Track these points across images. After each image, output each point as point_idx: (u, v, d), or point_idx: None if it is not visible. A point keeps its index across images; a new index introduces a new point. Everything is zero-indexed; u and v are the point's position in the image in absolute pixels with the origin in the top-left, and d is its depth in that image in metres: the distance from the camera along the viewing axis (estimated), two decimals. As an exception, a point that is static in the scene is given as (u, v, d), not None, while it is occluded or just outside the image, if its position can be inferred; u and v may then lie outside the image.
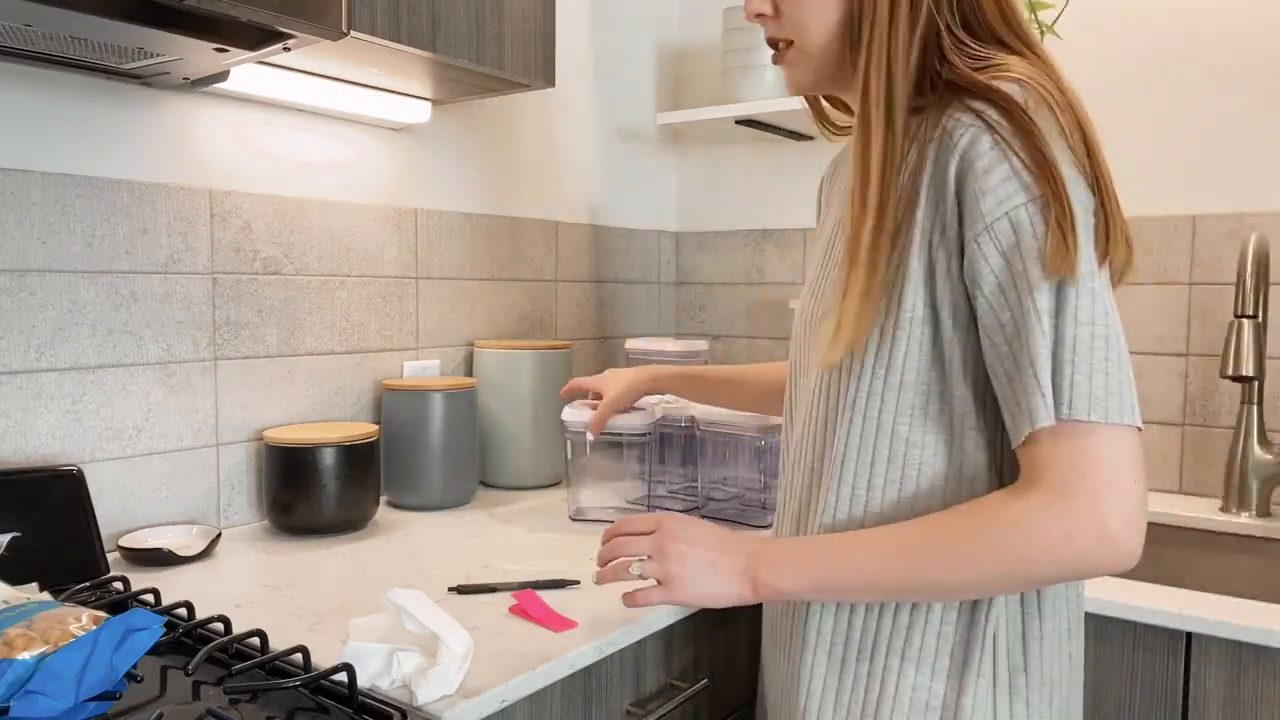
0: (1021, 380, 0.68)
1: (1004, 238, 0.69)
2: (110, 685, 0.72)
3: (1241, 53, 1.55)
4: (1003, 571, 0.69)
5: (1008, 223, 0.69)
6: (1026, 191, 0.69)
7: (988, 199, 0.70)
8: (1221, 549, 1.48)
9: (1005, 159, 0.70)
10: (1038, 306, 0.68)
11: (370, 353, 1.52)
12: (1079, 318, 0.68)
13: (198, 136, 1.28)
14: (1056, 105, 0.71)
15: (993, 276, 0.70)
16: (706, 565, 0.79)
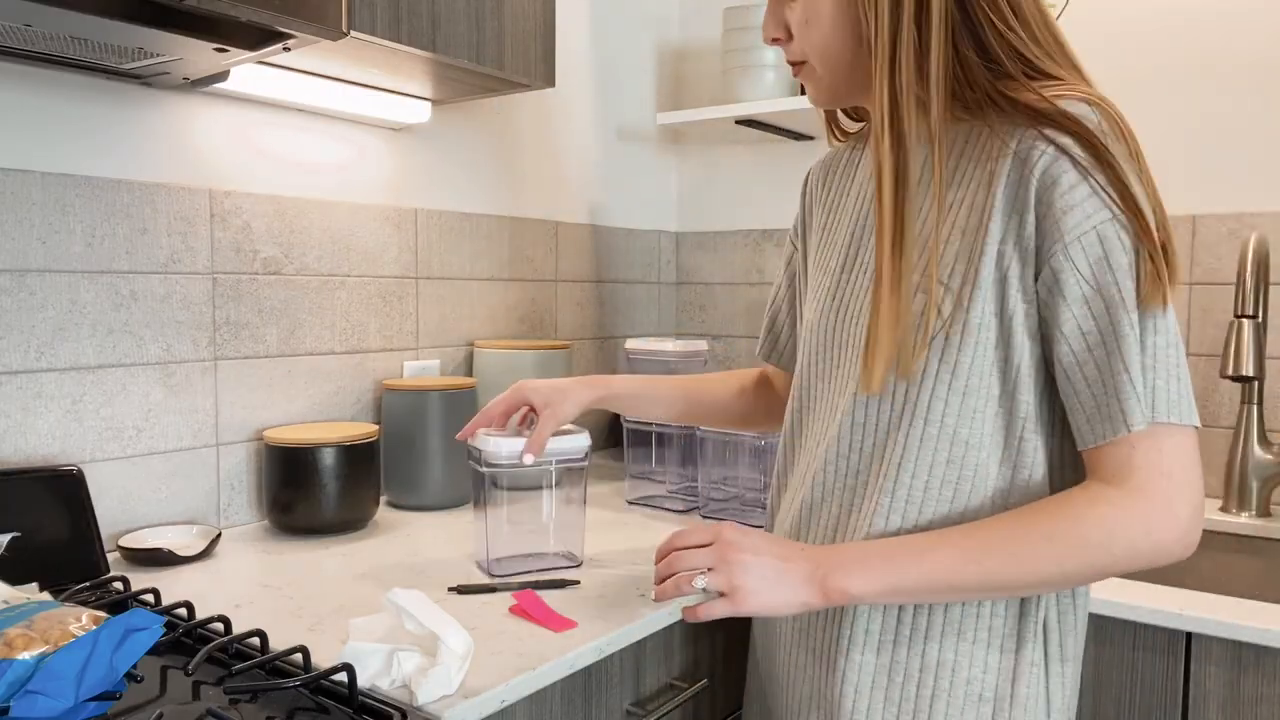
0: (1113, 385, 0.72)
1: (1091, 250, 0.73)
2: (110, 685, 0.72)
3: (1241, 53, 1.55)
4: (1087, 566, 0.72)
5: (1095, 236, 0.72)
6: (1110, 209, 0.72)
7: (1074, 214, 0.73)
8: (1221, 549, 1.48)
9: (1087, 178, 0.73)
10: (1130, 318, 0.72)
11: (370, 353, 1.52)
12: (1157, 327, 0.72)
13: (198, 136, 1.28)
14: (1126, 132, 0.75)
15: (1079, 287, 0.73)
16: (771, 573, 0.78)
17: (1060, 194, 0.73)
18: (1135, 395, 0.71)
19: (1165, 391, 0.72)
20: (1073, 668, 0.82)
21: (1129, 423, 0.71)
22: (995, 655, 0.79)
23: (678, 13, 2.19)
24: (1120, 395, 0.72)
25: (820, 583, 0.76)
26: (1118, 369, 0.72)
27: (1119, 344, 0.72)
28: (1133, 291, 0.72)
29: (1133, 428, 0.71)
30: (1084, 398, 0.74)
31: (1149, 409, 0.71)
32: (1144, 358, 0.72)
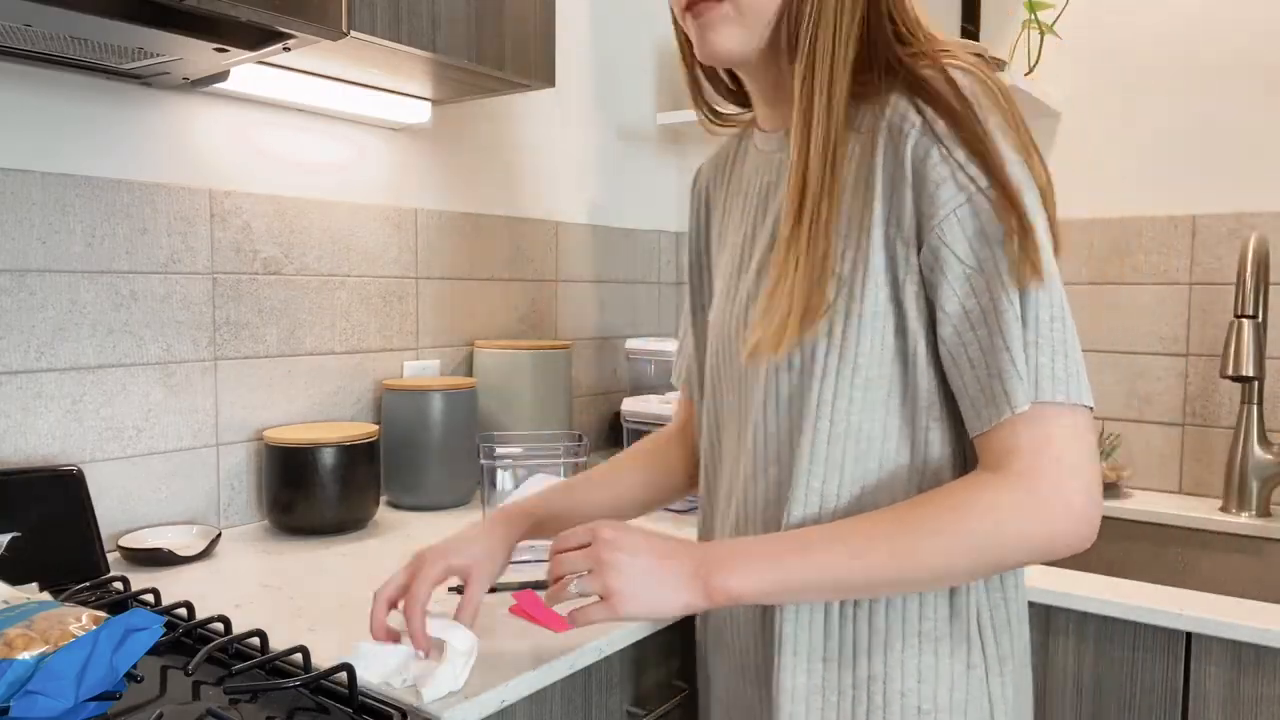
0: (996, 366, 0.68)
1: (967, 225, 0.69)
2: (110, 685, 0.72)
3: (1241, 53, 1.55)
4: (976, 558, 0.68)
5: (969, 209, 0.69)
6: (984, 179, 0.69)
7: (946, 187, 0.69)
8: (1221, 549, 1.48)
9: (961, 147, 0.69)
10: (1008, 293, 0.68)
11: (370, 353, 1.52)
12: (1040, 300, 0.68)
13: (198, 136, 1.28)
14: (1004, 101, 0.71)
15: (958, 264, 0.70)
16: (650, 574, 0.71)
17: (932, 167, 0.70)
18: (1017, 374, 0.67)
19: (1050, 369, 0.67)
20: (1015, 666, 0.78)
21: (1012, 404, 0.67)
22: (929, 662, 0.75)
23: (678, 13, 2.19)
24: (1002, 376, 0.67)
25: (702, 582, 0.71)
26: (999, 348, 0.68)
27: (999, 321, 0.68)
28: (1010, 266, 0.68)
29: (1015, 409, 0.67)
30: (968, 381, 0.70)
31: (1032, 388, 0.67)
32: (1026, 334, 0.67)
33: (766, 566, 0.71)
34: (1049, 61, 1.67)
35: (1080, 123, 1.71)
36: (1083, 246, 1.71)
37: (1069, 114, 1.71)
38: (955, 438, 0.75)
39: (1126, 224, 1.66)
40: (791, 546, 0.71)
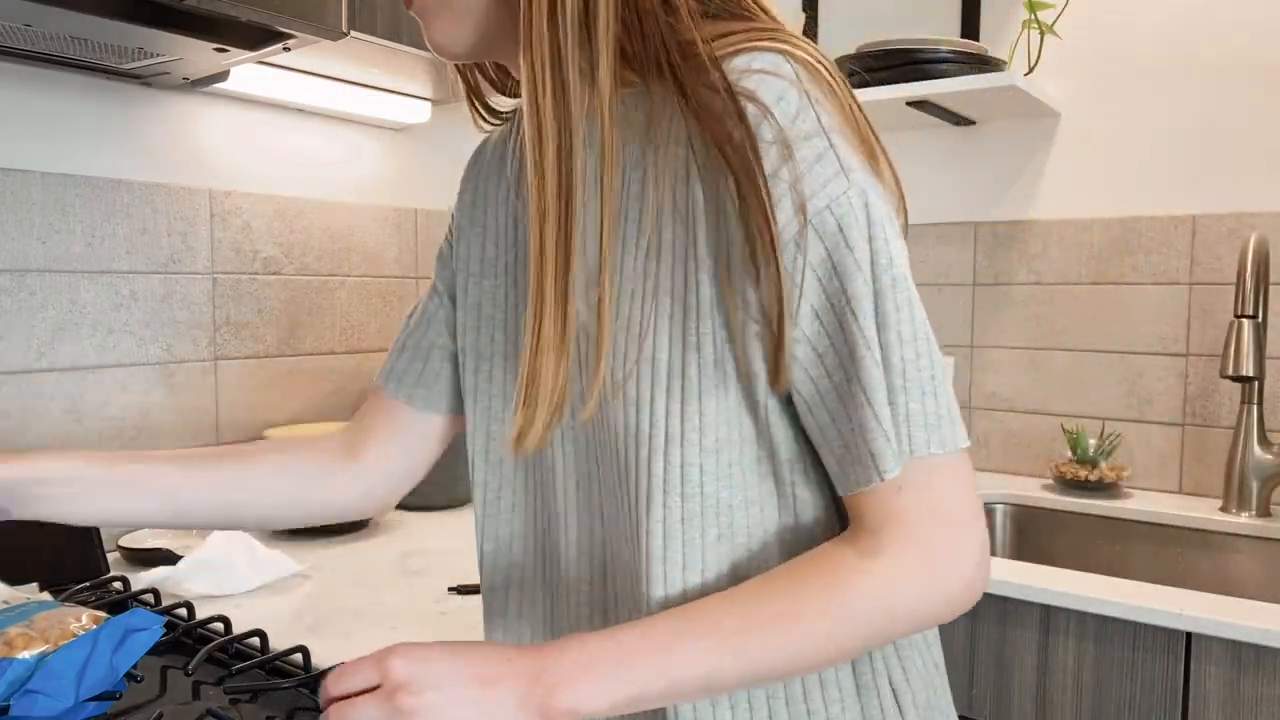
0: (857, 420, 0.57)
1: (812, 250, 0.56)
2: (110, 685, 0.72)
3: (1241, 53, 1.55)
4: (866, 639, 0.59)
5: (813, 231, 0.56)
6: (831, 189, 0.56)
7: (784, 205, 0.56)
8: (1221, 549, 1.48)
9: (796, 152, 0.56)
10: (863, 330, 0.56)
11: (370, 353, 1.52)
12: (903, 334, 0.57)
13: (198, 136, 1.28)
14: (833, 82, 0.59)
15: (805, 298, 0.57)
16: (470, 710, 0.53)
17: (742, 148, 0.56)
18: (883, 432, 0.56)
19: (921, 416, 0.57)
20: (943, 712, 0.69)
21: (880, 469, 0.56)
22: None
23: (678, 13, 2.19)
24: (866, 433, 0.56)
25: (539, 704, 0.54)
26: (858, 400, 0.57)
27: (857, 367, 0.56)
28: (861, 294, 0.56)
29: (885, 474, 0.56)
30: (829, 436, 0.59)
31: (905, 443, 0.57)
32: (890, 379, 0.57)
33: (617, 676, 0.55)
34: (1049, 61, 1.67)
35: (1080, 123, 1.71)
36: (1083, 246, 1.71)
37: (1069, 114, 1.71)
38: (829, 492, 0.64)
39: (1126, 224, 1.66)
40: (650, 644, 0.56)
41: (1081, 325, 1.72)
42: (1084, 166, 1.71)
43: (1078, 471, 1.61)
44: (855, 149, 0.58)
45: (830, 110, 0.57)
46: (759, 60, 0.57)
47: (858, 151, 0.58)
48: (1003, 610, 1.17)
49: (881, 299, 0.57)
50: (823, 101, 0.57)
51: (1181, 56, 1.61)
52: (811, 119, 0.56)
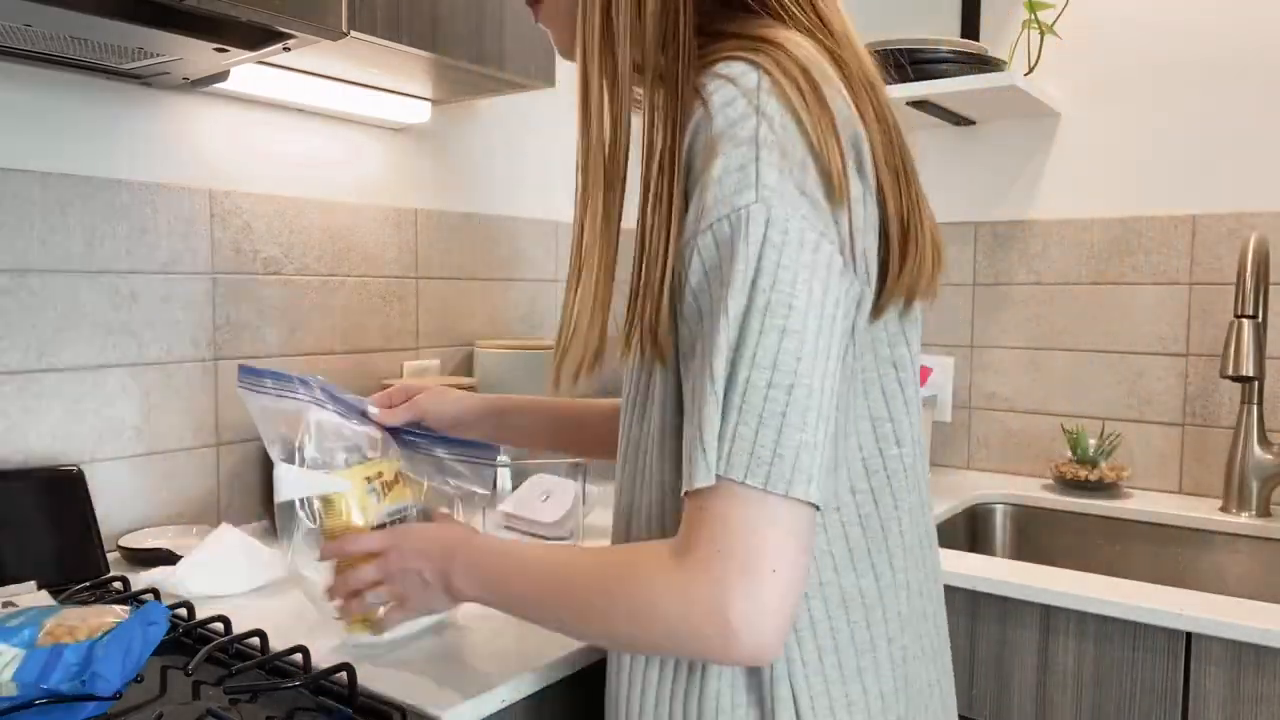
0: (695, 421, 0.57)
1: (706, 252, 0.58)
2: (136, 672, 0.74)
3: (1241, 53, 1.55)
4: (631, 637, 0.61)
5: (710, 235, 0.58)
6: (737, 199, 0.57)
7: (698, 203, 0.58)
8: (1221, 549, 1.48)
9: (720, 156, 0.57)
10: (719, 341, 0.56)
11: (370, 353, 1.52)
12: (758, 358, 0.55)
13: (198, 136, 1.28)
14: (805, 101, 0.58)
15: (692, 298, 0.59)
16: (429, 576, 0.76)
17: (695, 176, 0.59)
18: (701, 444, 0.56)
19: (749, 444, 0.55)
20: None
21: (691, 478, 0.56)
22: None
23: (678, 13, 2.19)
24: (689, 440, 0.57)
25: (445, 584, 0.74)
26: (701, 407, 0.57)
27: (703, 374, 0.57)
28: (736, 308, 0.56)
29: (693, 484, 0.56)
30: (686, 431, 0.59)
31: (722, 463, 0.55)
32: (729, 393, 0.56)
33: (484, 578, 0.72)
34: (1049, 61, 1.67)
35: (1080, 123, 1.71)
36: (1083, 246, 1.71)
37: (1069, 114, 1.71)
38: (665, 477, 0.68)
39: (1126, 224, 1.66)
40: (514, 563, 0.71)
41: (1081, 325, 1.72)
42: (1084, 166, 1.71)
43: (1078, 471, 1.61)
44: (790, 169, 0.57)
45: (779, 128, 0.57)
46: (731, 68, 0.59)
47: (796, 174, 0.57)
48: (1003, 610, 1.17)
49: (749, 317, 0.56)
50: (774, 118, 0.57)
51: (1181, 56, 1.61)
52: (749, 129, 0.57)
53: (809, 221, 0.57)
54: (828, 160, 0.57)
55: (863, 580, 0.65)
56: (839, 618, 0.64)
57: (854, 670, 0.64)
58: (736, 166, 0.57)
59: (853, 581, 0.64)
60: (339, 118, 1.45)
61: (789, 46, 0.60)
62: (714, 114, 0.58)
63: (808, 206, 0.57)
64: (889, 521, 0.66)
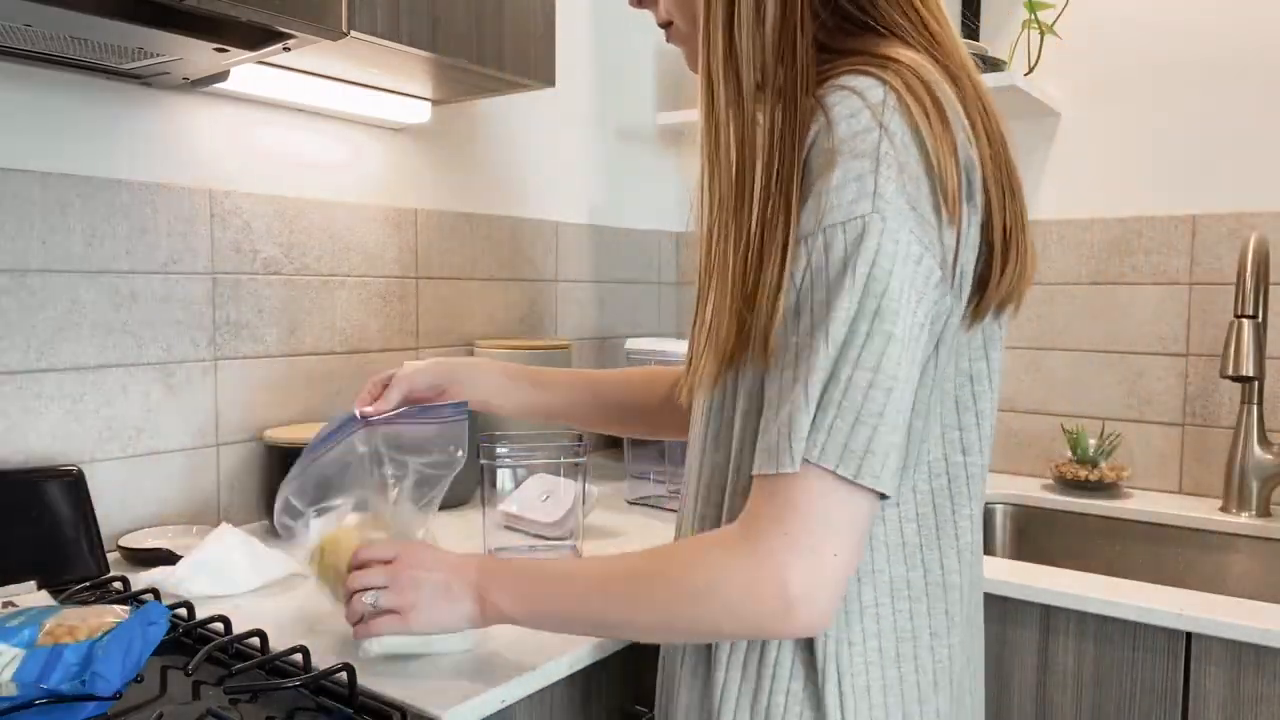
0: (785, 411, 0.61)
1: (817, 254, 0.60)
2: (136, 672, 0.74)
3: (1241, 53, 1.55)
4: (691, 620, 0.64)
5: (823, 238, 0.60)
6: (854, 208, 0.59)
7: (814, 206, 0.61)
8: (1221, 549, 1.48)
9: (840, 165, 0.60)
10: (830, 339, 0.59)
11: (370, 353, 1.52)
12: (863, 360, 0.59)
13: (198, 136, 1.28)
14: (929, 119, 0.61)
15: (794, 295, 0.62)
16: (441, 588, 0.76)
17: (809, 181, 0.62)
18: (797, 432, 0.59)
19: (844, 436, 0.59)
20: None
21: (776, 461, 0.60)
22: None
23: (678, 13, 2.19)
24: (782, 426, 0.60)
25: (480, 594, 0.75)
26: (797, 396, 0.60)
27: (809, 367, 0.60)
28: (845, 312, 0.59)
29: (779, 467, 0.60)
30: (765, 417, 0.63)
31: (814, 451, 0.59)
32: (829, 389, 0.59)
33: (527, 591, 0.74)
34: (1049, 61, 1.67)
35: (1080, 123, 1.71)
36: (1083, 246, 1.71)
37: (1069, 114, 1.71)
38: None
39: (1126, 224, 1.66)
40: (554, 575, 0.74)
41: (1081, 325, 1.72)
42: (1084, 166, 1.71)
43: (1078, 471, 1.61)
44: (905, 185, 0.59)
45: (900, 144, 0.60)
46: (856, 80, 0.61)
47: (911, 189, 0.60)
48: (1003, 610, 1.17)
49: (858, 321, 0.59)
50: (896, 135, 0.60)
51: (1181, 56, 1.61)
52: (871, 142, 0.59)
53: (916, 235, 0.60)
54: (944, 181, 0.60)
55: (912, 573, 0.69)
56: (885, 604, 0.68)
57: (893, 655, 0.68)
58: (855, 176, 0.59)
59: (902, 573, 0.68)
60: (339, 118, 1.45)
61: (914, 66, 0.62)
62: (836, 123, 0.60)
63: (916, 221, 0.60)
64: (944, 523, 0.70)
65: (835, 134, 0.60)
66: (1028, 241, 0.68)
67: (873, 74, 0.62)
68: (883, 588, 0.68)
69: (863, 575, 0.68)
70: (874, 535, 0.68)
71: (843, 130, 0.60)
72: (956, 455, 0.69)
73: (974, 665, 0.78)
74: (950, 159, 0.61)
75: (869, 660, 0.68)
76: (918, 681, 0.69)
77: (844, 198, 0.60)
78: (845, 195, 0.60)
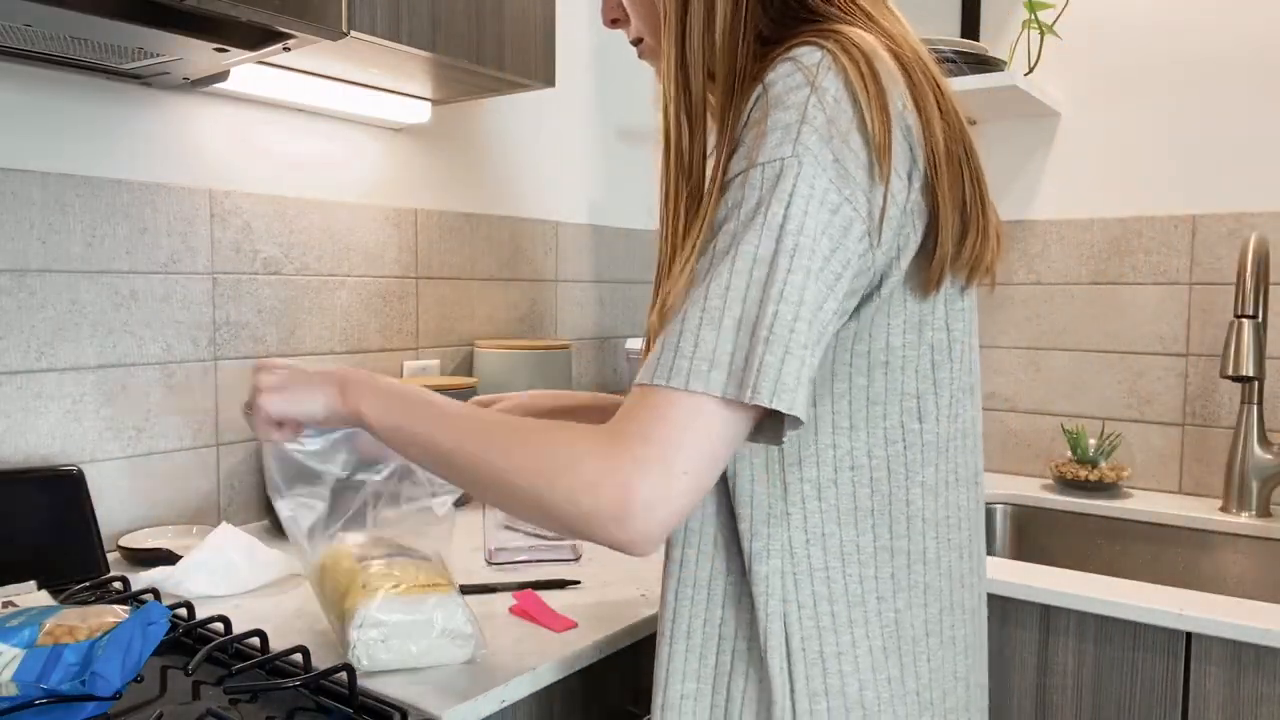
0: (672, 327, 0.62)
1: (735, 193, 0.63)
2: (136, 672, 0.74)
3: (1241, 53, 1.55)
4: (529, 489, 0.63)
5: (742, 179, 0.63)
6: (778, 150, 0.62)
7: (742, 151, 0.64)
8: (1221, 549, 1.48)
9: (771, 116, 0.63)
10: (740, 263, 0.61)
11: (370, 353, 1.52)
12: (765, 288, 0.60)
13: (198, 136, 1.28)
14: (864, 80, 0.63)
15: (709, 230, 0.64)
16: (297, 379, 0.79)
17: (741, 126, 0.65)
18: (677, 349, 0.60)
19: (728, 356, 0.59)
20: None
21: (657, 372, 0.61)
22: None
23: (678, 13, 2.19)
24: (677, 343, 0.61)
25: (340, 389, 0.76)
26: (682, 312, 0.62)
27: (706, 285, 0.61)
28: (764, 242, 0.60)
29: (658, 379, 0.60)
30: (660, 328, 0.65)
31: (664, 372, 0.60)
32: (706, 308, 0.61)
33: (388, 401, 0.74)
34: (1049, 61, 1.67)
35: (1080, 123, 1.71)
36: (1083, 246, 1.71)
37: (1069, 114, 1.72)
38: None
39: (1126, 224, 1.66)
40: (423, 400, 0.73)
41: (1081, 325, 1.72)
42: (1084, 166, 1.71)
43: (1078, 471, 1.61)
44: (832, 138, 0.61)
45: (831, 100, 0.62)
46: (794, 51, 0.64)
47: (836, 144, 0.62)
48: (1003, 610, 1.17)
49: (764, 251, 0.60)
50: (828, 91, 0.62)
51: (1181, 57, 1.61)
52: (801, 97, 0.62)
53: (835, 185, 0.61)
54: (873, 139, 0.62)
55: (861, 538, 0.69)
56: (835, 568, 0.69)
57: (845, 621, 0.69)
58: (782, 125, 0.62)
59: (852, 537, 0.69)
60: (339, 118, 1.45)
61: (854, 36, 0.64)
62: (771, 84, 0.63)
63: (837, 172, 0.61)
64: (896, 489, 0.70)
65: (769, 94, 0.63)
66: (989, 218, 0.70)
67: (812, 42, 0.64)
68: (833, 551, 0.69)
69: (811, 537, 0.68)
70: (825, 499, 0.69)
71: (777, 89, 0.63)
72: (913, 423, 0.70)
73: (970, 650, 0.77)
74: (881, 118, 0.62)
75: (821, 625, 0.68)
76: (870, 647, 0.69)
77: (769, 143, 0.62)
78: (770, 141, 0.62)
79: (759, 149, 0.62)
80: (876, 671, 0.70)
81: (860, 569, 0.69)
